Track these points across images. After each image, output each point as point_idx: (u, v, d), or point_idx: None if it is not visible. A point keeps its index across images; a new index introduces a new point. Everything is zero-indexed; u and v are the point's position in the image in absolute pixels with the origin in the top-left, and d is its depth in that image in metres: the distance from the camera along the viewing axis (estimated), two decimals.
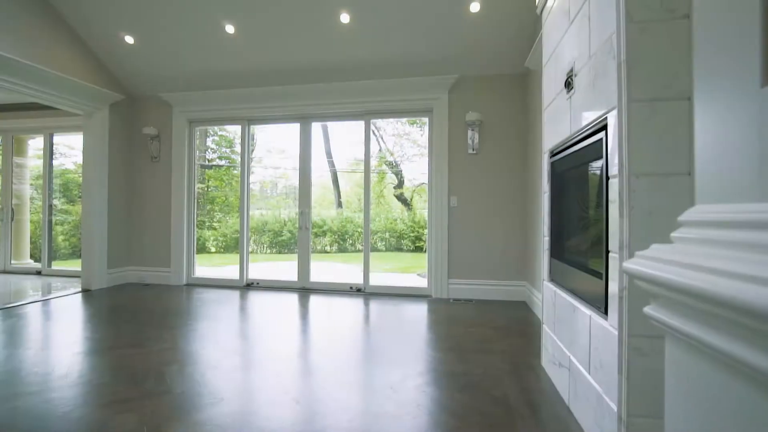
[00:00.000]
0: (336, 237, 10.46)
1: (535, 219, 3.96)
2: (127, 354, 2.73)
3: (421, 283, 4.90)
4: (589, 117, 1.74)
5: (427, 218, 4.73)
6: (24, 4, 4.02)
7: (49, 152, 6.13)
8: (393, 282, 4.96)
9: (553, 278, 2.40)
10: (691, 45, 1.36)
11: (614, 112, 1.47)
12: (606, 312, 1.55)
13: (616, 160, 1.45)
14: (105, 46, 4.67)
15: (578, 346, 1.86)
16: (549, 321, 2.42)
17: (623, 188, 1.41)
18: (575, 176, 2.08)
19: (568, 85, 2.02)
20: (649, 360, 1.36)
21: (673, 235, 0.66)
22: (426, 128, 11.06)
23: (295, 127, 5.06)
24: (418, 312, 3.95)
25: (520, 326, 3.45)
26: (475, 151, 4.48)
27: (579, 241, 2.03)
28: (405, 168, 11.17)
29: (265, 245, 10.45)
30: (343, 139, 10.92)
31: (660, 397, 1.34)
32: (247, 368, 2.52)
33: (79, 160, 8.64)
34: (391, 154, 11.16)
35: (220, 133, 9.62)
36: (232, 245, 9.96)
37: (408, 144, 11.05)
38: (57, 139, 6.45)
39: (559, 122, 2.23)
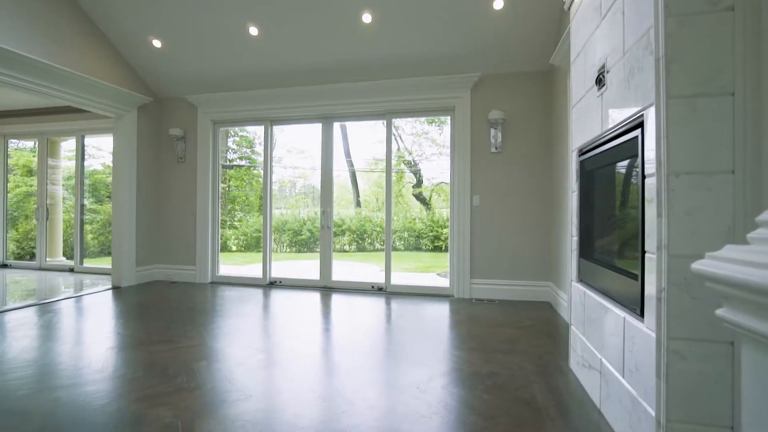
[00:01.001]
0: (355, 236, 10.50)
1: (560, 218, 3.90)
2: (158, 350, 2.80)
3: (443, 282, 4.88)
4: (622, 114, 1.70)
5: (448, 217, 4.69)
6: (61, 11, 4.17)
7: (80, 153, 6.34)
8: (414, 281, 4.95)
9: (582, 279, 2.36)
10: (735, 38, 1.31)
11: (652, 109, 1.43)
12: (642, 314, 1.51)
13: (654, 159, 1.42)
14: (134, 50, 4.81)
15: (610, 348, 1.82)
16: (578, 322, 2.37)
17: (661, 187, 1.37)
18: (607, 175, 2.04)
19: (599, 81, 1.98)
20: (690, 364, 1.32)
21: (750, 235, 0.64)
22: (445, 127, 10.99)
23: (315, 128, 5.11)
24: (441, 312, 3.94)
25: (545, 327, 3.40)
26: (497, 150, 4.43)
27: (610, 241, 1.98)
28: (423, 167, 11.13)
29: (285, 244, 10.57)
30: (362, 138, 10.96)
31: (702, 402, 1.30)
32: (273, 365, 2.56)
33: (107, 161, 8.93)
34: (410, 153, 11.15)
35: (240, 133, 9.79)
36: (253, 244, 10.13)
37: (426, 143, 11.01)
38: (87, 140, 6.67)
39: (589, 120, 2.19)
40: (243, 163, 10.63)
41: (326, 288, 4.92)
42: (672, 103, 1.36)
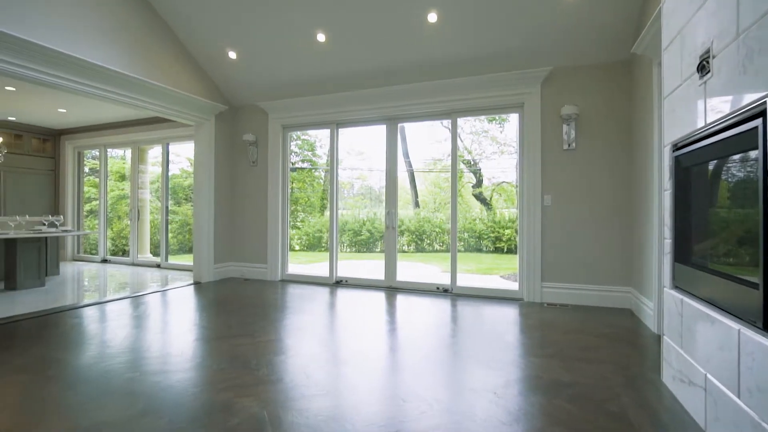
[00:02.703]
0: (414, 236, 10.48)
1: (643, 219, 3.60)
2: (239, 343, 2.98)
3: (511, 285, 4.71)
4: (736, 103, 1.52)
5: (510, 218, 4.53)
6: (152, 31, 4.60)
7: (165, 159, 6.95)
8: (480, 283, 4.84)
9: (679, 285, 2.15)
10: None
11: None
12: (765, 327, 1.34)
13: None
14: (212, 63, 5.18)
15: (719, 363, 1.64)
16: (672, 332, 2.17)
17: None
18: (712, 171, 1.84)
19: (702, 68, 1.80)
20: None
21: None
22: (506, 125, 10.63)
23: (375, 129, 5.18)
24: (511, 315, 3.81)
25: (627, 335, 3.15)
26: (571, 147, 4.19)
27: (717, 245, 1.79)
28: (483, 166, 10.85)
29: (345, 244, 10.81)
30: (420, 139, 10.91)
31: None
32: (346, 363, 2.61)
33: (183, 166, 9.71)
34: (469, 153, 10.92)
35: (302, 137, 10.17)
36: (315, 243, 10.47)
37: (486, 142, 10.72)
38: (170, 147, 7.29)
39: (687, 112, 1.99)
40: (305, 165, 11.03)
41: (391, 288, 4.95)
42: None
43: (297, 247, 10.51)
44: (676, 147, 2.18)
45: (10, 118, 7.00)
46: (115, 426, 1.81)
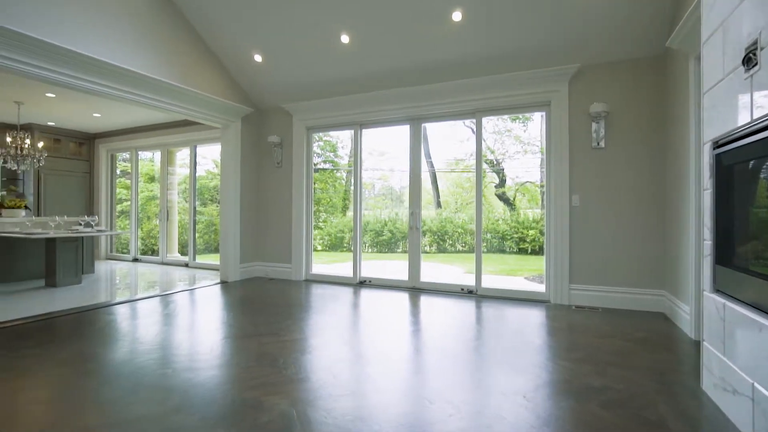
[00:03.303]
0: (435, 237, 10.41)
1: (678, 220, 3.46)
2: (266, 342, 3.02)
3: (538, 287, 4.62)
4: None
5: (534, 218, 4.44)
6: (181, 36, 4.73)
7: (193, 161, 7.13)
8: (505, 285, 4.76)
9: (720, 288, 2.06)
10: None
11: None
12: None
13: None
14: (238, 66, 5.28)
15: None
16: (713, 338, 2.08)
17: None
18: (758, 170, 1.75)
19: (748, 61, 1.71)
20: None
21: None
22: (530, 124, 10.43)
23: (398, 130, 5.18)
24: (538, 317, 3.73)
25: (662, 340, 3.04)
26: (600, 146, 4.08)
27: (765, 246, 1.70)
28: (506, 166, 10.69)
29: (367, 245, 10.83)
30: (441, 138, 10.83)
31: None
32: (372, 363, 2.61)
33: (209, 167, 9.94)
34: (492, 152, 10.78)
35: (324, 138, 10.26)
36: (337, 244, 10.54)
37: (509, 141, 10.55)
38: (197, 150, 7.48)
39: (730, 107, 1.90)
40: (326, 166, 11.12)
41: (415, 289, 4.93)
42: None
43: (319, 247, 10.60)
44: (717, 144, 2.09)
45: (49, 123, 7.34)
46: (151, 420, 1.86)
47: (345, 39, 4.45)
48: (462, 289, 4.70)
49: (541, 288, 4.49)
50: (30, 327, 3.36)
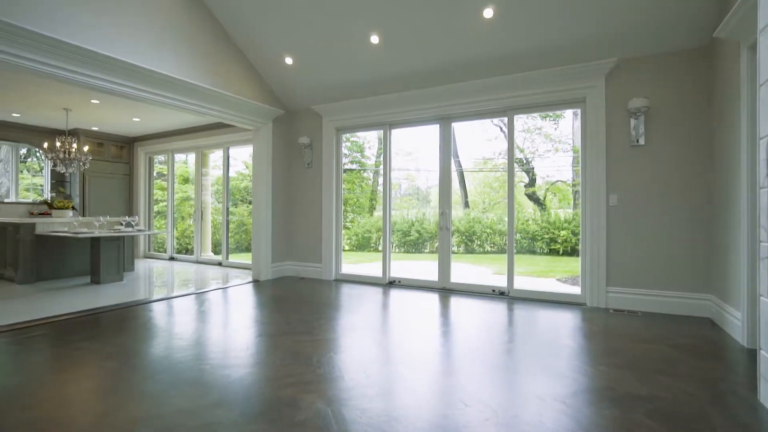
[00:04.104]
0: (463, 237, 10.29)
1: (727, 220, 3.28)
2: (299, 340, 3.06)
3: (572, 289, 4.49)
4: None
5: (566, 218, 4.31)
6: (216, 42, 4.87)
7: (226, 163, 7.33)
8: (537, 286, 4.65)
9: None
10: None
11: None
12: None
13: None
14: (270, 69, 5.39)
15: None
16: None
17: None
18: None
19: None
20: None
21: None
22: (561, 121, 10.14)
23: (426, 129, 5.16)
24: (574, 320, 3.62)
25: (710, 348, 2.88)
26: (639, 143, 3.91)
27: None
28: (536, 165, 10.45)
29: (394, 245, 10.82)
30: (469, 138, 10.71)
31: None
32: (405, 364, 2.60)
33: (239, 169, 10.19)
34: (521, 151, 10.56)
35: (352, 138, 10.33)
36: (363, 244, 10.59)
37: (540, 139, 10.31)
38: (230, 152, 7.68)
39: None
40: (353, 166, 11.18)
41: (445, 290, 4.89)
42: None
43: (346, 247, 10.68)
44: None
45: (93, 128, 7.72)
46: (193, 414, 1.92)
47: (375, 39, 4.46)
48: (493, 291, 4.62)
49: (575, 290, 4.35)
50: (78, 321, 3.54)
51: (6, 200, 7.60)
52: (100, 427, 1.80)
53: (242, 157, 10.06)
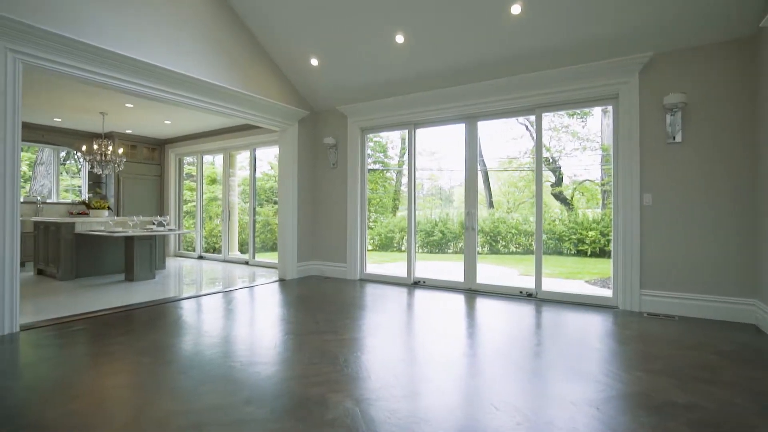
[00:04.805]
0: (488, 238, 10.15)
1: None
2: (326, 339, 3.08)
3: (603, 291, 4.35)
4: None
5: (594, 218, 4.17)
6: (243, 45, 4.97)
7: (253, 164, 7.47)
8: (566, 288, 4.53)
9: None
10: None
11: None
12: None
13: None
14: (295, 71, 5.46)
15: None
16: None
17: None
18: None
19: None
20: None
21: None
22: (589, 119, 9.85)
23: (450, 129, 5.13)
24: (606, 324, 3.50)
25: (755, 355, 2.74)
26: (675, 140, 3.76)
27: None
28: (563, 164, 10.19)
29: (417, 245, 10.74)
30: (493, 137, 10.55)
31: None
32: (433, 365, 2.58)
33: (264, 170, 10.35)
34: (548, 150, 10.33)
35: (375, 139, 10.35)
36: (387, 244, 10.58)
37: (566, 137, 10.05)
38: (256, 153, 7.82)
39: None
40: (377, 167, 11.20)
41: (471, 290, 4.83)
42: None
43: (369, 247, 10.70)
44: None
45: (127, 131, 8.02)
46: (224, 410, 1.96)
47: (400, 39, 4.45)
48: (520, 292, 4.53)
49: (607, 293, 4.22)
50: (114, 317, 3.68)
51: (48, 201, 7.99)
52: (139, 420, 1.86)
53: (267, 158, 10.24)
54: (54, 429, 1.79)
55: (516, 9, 3.80)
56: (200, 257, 8.23)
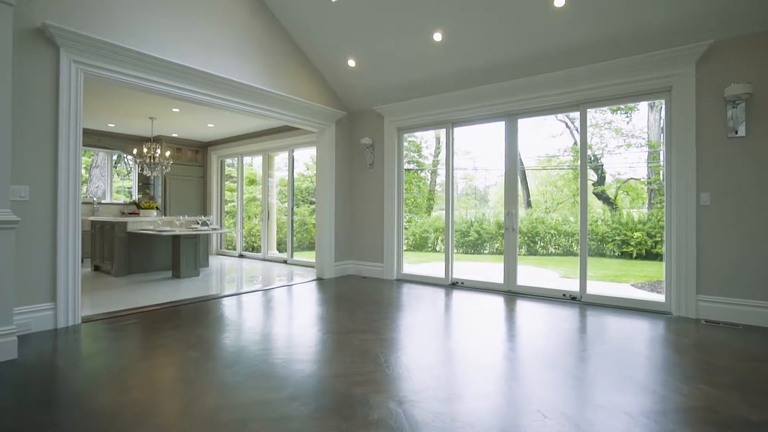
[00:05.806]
0: (526, 239, 9.87)
1: None
2: (366, 339, 3.08)
3: (653, 296, 4.12)
4: None
5: (640, 219, 3.95)
6: (284, 48, 5.09)
7: (291, 165, 7.63)
8: (613, 292, 4.32)
9: None
10: None
11: None
12: None
13: None
14: (333, 72, 5.52)
15: None
16: None
17: None
18: None
19: None
20: None
21: None
22: (634, 114, 9.37)
23: (486, 127, 5.04)
24: (659, 331, 3.31)
25: None
26: (738, 134, 3.49)
27: None
28: (606, 162, 9.75)
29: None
30: (531, 135, 10.25)
31: None
32: (475, 367, 2.52)
33: (301, 170, 10.53)
34: (589, 147, 9.90)
35: (409, 138, 10.29)
36: (421, 244, 10.51)
37: (609, 134, 9.60)
38: (294, 154, 7.98)
39: None
40: (411, 166, 11.14)
41: (510, 292, 4.70)
42: None
43: (404, 247, 10.67)
44: None
45: (173, 135, 8.41)
46: (270, 405, 2.00)
47: (437, 37, 4.40)
48: (564, 295, 4.36)
49: (658, 297, 3.99)
50: (163, 312, 3.85)
51: (103, 201, 8.51)
52: (188, 413, 1.93)
53: (303, 159, 10.43)
54: (115, 416, 1.89)
55: (559, 2, 3.66)
56: (241, 256, 8.50)
